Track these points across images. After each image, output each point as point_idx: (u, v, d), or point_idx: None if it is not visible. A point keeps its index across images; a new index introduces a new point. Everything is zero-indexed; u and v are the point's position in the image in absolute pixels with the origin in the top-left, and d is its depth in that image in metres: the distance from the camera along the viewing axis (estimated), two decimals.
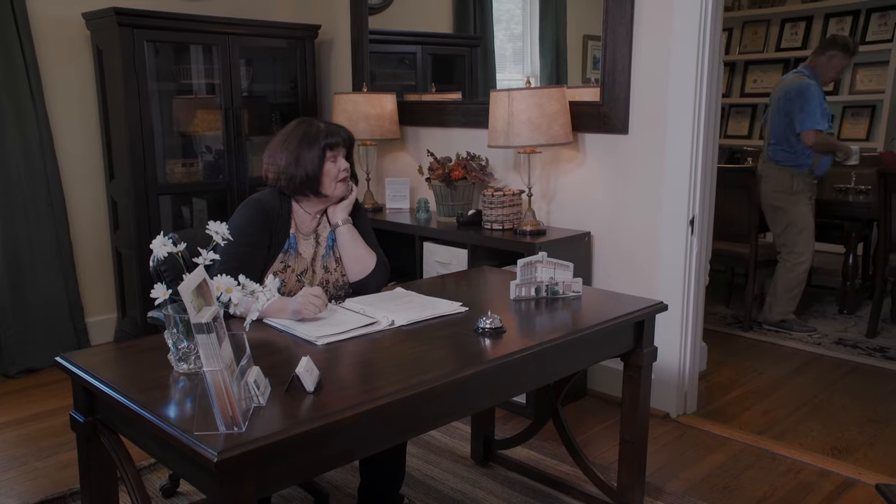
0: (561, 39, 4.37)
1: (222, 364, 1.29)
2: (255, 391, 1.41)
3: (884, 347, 3.93)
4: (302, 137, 2.15)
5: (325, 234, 2.26)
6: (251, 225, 2.06)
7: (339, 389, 1.52)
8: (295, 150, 2.13)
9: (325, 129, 2.17)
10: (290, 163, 2.13)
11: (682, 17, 2.82)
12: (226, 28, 3.85)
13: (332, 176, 2.16)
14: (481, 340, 1.84)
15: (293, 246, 2.16)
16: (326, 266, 2.23)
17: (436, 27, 4.49)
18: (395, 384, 1.54)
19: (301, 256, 2.17)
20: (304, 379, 1.48)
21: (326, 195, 2.19)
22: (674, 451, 2.81)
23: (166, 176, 3.85)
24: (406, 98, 4.11)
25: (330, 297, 2.21)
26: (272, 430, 1.33)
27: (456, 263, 3.25)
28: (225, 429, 1.30)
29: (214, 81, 3.99)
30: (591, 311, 2.13)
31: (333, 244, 2.26)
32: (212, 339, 1.28)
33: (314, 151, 2.13)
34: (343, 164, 2.18)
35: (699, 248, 2.99)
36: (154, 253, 2.25)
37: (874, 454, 2.79)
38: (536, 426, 2.55)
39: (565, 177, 3.30)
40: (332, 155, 2.15)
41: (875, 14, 5.63)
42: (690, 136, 2.86)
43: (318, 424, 1.37)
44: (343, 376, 1.61)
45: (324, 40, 4.29)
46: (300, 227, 2.21)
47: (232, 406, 1.29)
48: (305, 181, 2.14)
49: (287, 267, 2.13)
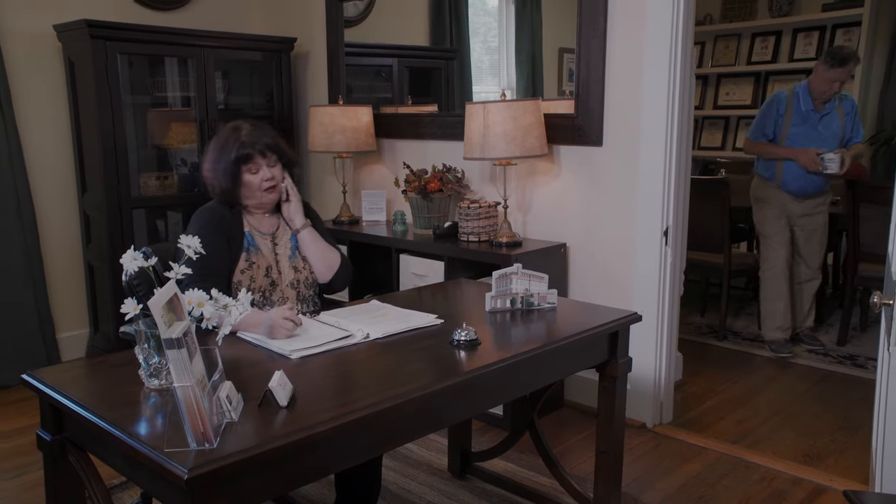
0: (537, 52, 4.41)
1: (193, 379, 1.27)
2: (227, 406, 1.39)
3: (853, 355, 3.99)
4: (220, 148, 2.11)
5: (284, 237, 2.25)
6: (208, 233, 2.04)
7: (313, 403, 1.51)
8: (213, 162, 2.10)
9: (242, 140, 2.10)
10: (210, 174, 2.10)
11: (654, 30, 2.86)
12: (201, 41, 3.83)
13: (255, 187, 2.11)
14: (456, 353, 1.84)
15: (252, 243, 2.15)
16: (295, 266, 2.22)
17: (412, 40, 4.50)
18: (370, 397, 1.53)
19: (262, 254, 2.17)
20: (277, 393, 1.47)
21: (248, 206, 2.15)
22: (650, 461, 2.82)
23: (140, 189, 3.81)
24: (382, 110, 4.11)
25: (301, 297, 2.20)
26: (244, 445, 1.31)
27: (432, 275, 3.24)
28: (196, 445, 1.28)
29: (190, 94, 3.96)
30: (566, 322, 2.14)
31: (296, 247, 2.26)
32: (182, 355, 1.26)
33: (226, 164, 2.08)
34: (266, 174, 2.12)
35: (673, 259, 3.02)
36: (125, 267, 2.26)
37: (845, 461, 2.82)
38: (513, 438, 2.55)
39: (541, 189, 3.32)
40: (248, 167, 2.10)
41: (840, 30, 5.75)
42: (663, 147, 2.89)
43: (291, 439, 1.35)
44: (317, 390, 1.60)
45: (300, 53, 4.28)
46: (257, 227, 2.19)
47: (203, 422, 1.28)
48: (224, 193, 2.12)
49: (252, 264, 2.13)
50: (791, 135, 3.86)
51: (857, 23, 5.52)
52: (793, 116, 3.85)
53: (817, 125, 3.82)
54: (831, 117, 3.83)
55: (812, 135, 3.83)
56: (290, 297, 2.18)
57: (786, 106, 3.88)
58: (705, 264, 4.24)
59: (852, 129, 3.87)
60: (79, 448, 1.63)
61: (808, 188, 3.88)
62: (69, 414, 1.53)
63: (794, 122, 3.85)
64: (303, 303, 2.23)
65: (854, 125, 3.88)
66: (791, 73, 5.93)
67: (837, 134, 3.84)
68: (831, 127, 3.82)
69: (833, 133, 3.83)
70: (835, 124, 3.83)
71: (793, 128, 3.85)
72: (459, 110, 4.33)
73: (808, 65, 5.83)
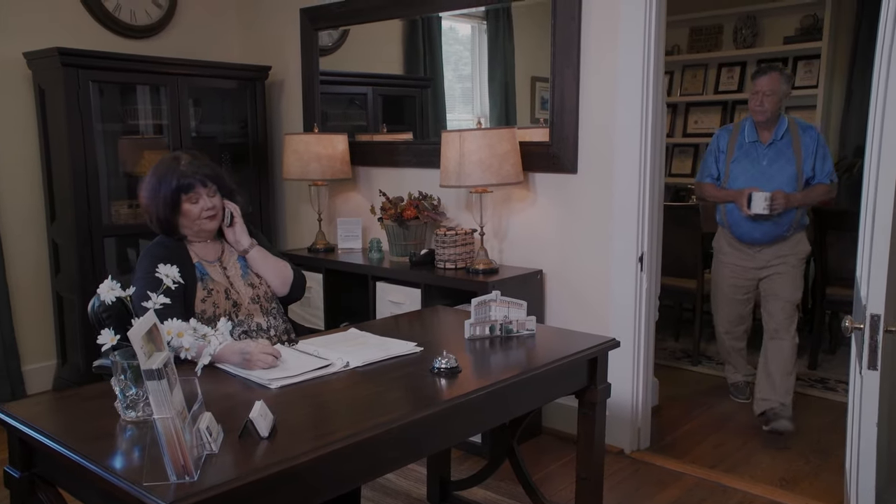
0: (509, 80, 4.47)
1: (174, 411, 1.25)
2: (208, 438, 1.37)
3: (824, 378, 4.05)
4: (160, 177, 2.10)
5: (231, 259, 2.24)
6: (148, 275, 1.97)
7: (294, 434, 1.49)
8: (151, 191, 2.09)
9: (181, 170, 2.10)
10: (149, 203, 2.09)
11: (626, 60, 2.93)
12: (174, 69, 3.82)
13: (193, 216, 2.11)
14: (437, 381, 1.83)
15: (205, 273, 2.14)
16: (251, 283, 2.22)
17: (386, 68, 4.54)
18: (351, 427, 1.52)
19: (216, 280, 2.15)
20: (258, 424, 1.45)
21: (187, 235, 2.15)
22: (629, 487, 2.82)
23: (111, 217, 3.76)
24: (357, 138, 4.13)
25: (265, 310, 2.18)
26: (225, 478, 1.29)
27: (409, 303, 3.24)
28: (176, 478, 1.25)
29: (162, 122, 3.94)
30: (545, 348, 2.15)
31: (247, 265, 2.26)
32: (163, 386, 1.24)
33: (166, 193, 2.08)
34: (206, 203, 2.12)
35: (649, 285, 3.05)
36: (96, 297, 2.22)
37: (819, 484, 2.86)
38: (493, 466, 2.54)
39: (517, 216, 3.35)
40: (188, 197, 2.10)
41: (801, 62, 5.94)
42: (638, 174, 2.94)
43: (273, 471, 1.34)
44: (298, 420, 1.58)
45: (274, 81, 4.29)
46: (203, 256, 2.18)
47: (183, 454, 1.25)
48: (161, 222, 2.11)
49: (210, 290, 2.12)
50: (732, 172, 3.31)
51: (817, 55, 5.70)
52: (735, 151, 3.33)
53: (760, 160, 3.25)
54: (779, 151, 3.23)
55: (753, 172, 3.25)
56: (253, 312, 2.16)
57: (728, 140, 3.37)
58: (678, 289, 4.30)
59: (814, 167, 3.22)
60: (49, 484, 1.59)
61: (754, 235, 3.30)
62: (40, 449, 1.49)
63: (735, 157, 3.32)
64: (267, 315, 2.21)
65: (817, 162, 3.23)
66: None
67: (789, 171, 3.21)
68: (778, 162, 3.22)
69: (781, 170, 3.22)
70: (784, 159, 3.22)
71: (733, 164, 3.31)
72: (434, 138, 4.36)
73: None
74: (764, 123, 3.25)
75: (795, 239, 3.33)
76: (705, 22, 6.38)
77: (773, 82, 3.21)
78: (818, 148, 3.25)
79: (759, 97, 3.23)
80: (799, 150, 3.24)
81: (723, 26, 6.27)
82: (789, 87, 3.31)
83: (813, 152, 3.23)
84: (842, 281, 3.98)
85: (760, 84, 3.25)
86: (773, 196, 3.13)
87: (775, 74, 3.23)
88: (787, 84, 3.29)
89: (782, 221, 3.25)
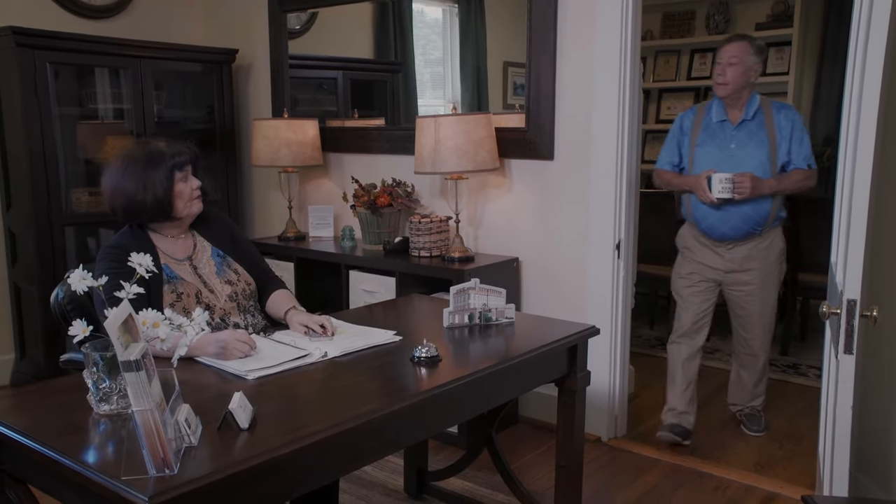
0: (481, 65, 4.47)
1: (152, 403, 1.24)
2: (186, 430, 1.36)
3: (796, 364, 4.15)
4: (147, 160, 2.06)
5: (204, 256, 2.19)
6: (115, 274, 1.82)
7: (274, 425, 1.49)
8: (141, 175, 2.05)
9: (169, 149, 2.09)
10: (139, 189, 2.04)
11: (603, 45, 2.95)
12: (137, 51, 3.75)
13: (186, 196, 2.11)
14: (417, 370, 1.84)
15: (173, 275, 2.08)
16: (228, 280, 2.17)
17: (356, 53, 4.51)
18: (332, 418, 1.52)
19: (186, 281, 2.09)
20: (237, 415, 1.44)
21: (180, 217, 2.13)
22: (607, 474, 2.87)
23: (71, 205, 3.69)
24: (328, 124, 4.10)
25: (242, 308, 2.16)
26: (205, 470, 1.29)
27: (384, 292, 3.24)
28: (155, 472, 1.25)
29: (123, 106, 3.87)
30: (524, 337, 2.17)
31: (223, 261, 2.20)
32: (141, 377, 1.23)
33: (161, 173, 2.05)
34: (195, 182, 2.13)
35: (626, 272, 3.09)
36: (60, 288, 2.17)
37: (793, 468, 2.94)
38: (471, 455, 2.56)
39: (492, 203, 3.36)
40: (181, 175, 2.10)
41: (773, 48, 6.04)
42: (615, 160, 2.97)
43: (254, 462, 1.33)
44: (277, 411, 1.58)
45: (241, 65, 4.24)
46: (170, 255, 2.13)
47: (163, 447, 1.24)
48: (157, 206, 2.07)
49: (180, 294, 2.05)
50: (697, 157, 2.95)
51: (789, 42, 5.80)
52: (700, 133, 2.97)
53: (728, 143, 2.90)
54: (751, 132, 2.89)
55: (720, 156, 2.89)
56: (230, 311, 2.14)
57: (693, 121, 3.00)
58: (653, 276, 4.36)
59: (790, 151, 2.88)
60: (19, 481, 1.56)
61: (723, 229, 2.91)
62: (9, 444, 1.47)
63: (700, 139, 2.96)
64: (245, 313, 2.18)
65: (794, 145, 2.88)
66: None
67: (761, 156, 2.86)
68: (749, 146, 2.88)
69: (751, 154, 2.86)
70: (755, 142, 2.88)
71: (698, 147, 2.95)
72: (407, 124, 4.36)
73: None
74: (730, 101, 2.90)
75: (771, 236, 2.96)
76: (678, 7, 6.45)
77: (738, 50, 2.86)
78: (794, 130, 2.88)
79: (722, 66, 2.88)
80: (773, 131, 2.87)
81: (695, 12, 6.34)
82: (759, 61, 2.91)
83: (789, 134, 2.87)
84: (814, 267, 4.07)
85: (724, 51, 2.90)
86: (738, 177, 2.79)
87: (743, 43, 2.89)
88: (758, 56, 2.91)
89: (755, 215, 2.88)
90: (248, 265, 2.26)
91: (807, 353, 4.33)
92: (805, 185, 2.91)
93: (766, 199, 2.88)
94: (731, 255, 2.97)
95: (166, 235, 2.14)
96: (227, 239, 2.26)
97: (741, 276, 2.98)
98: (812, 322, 4.67)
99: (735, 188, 2.79)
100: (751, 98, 2.93)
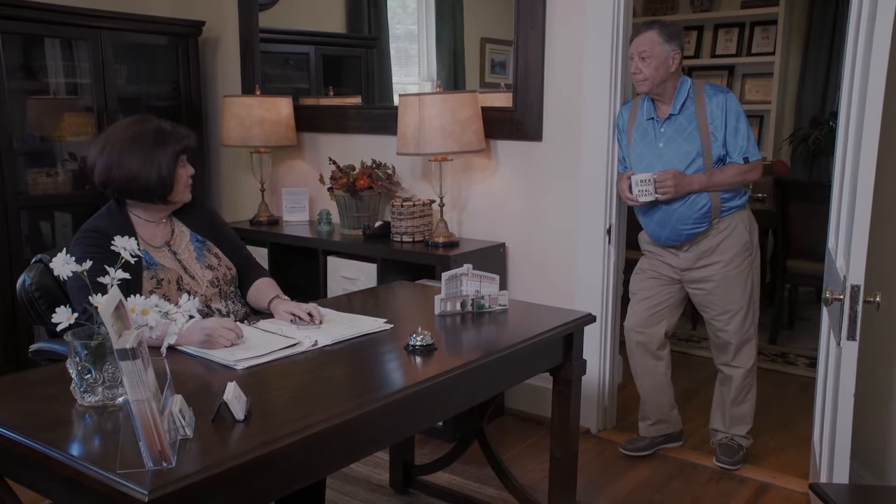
0: (458, 41, 4.47)
1: (149, 392, 1.24)
2: (181, 422, 1.36)
3: (785, 353, 4.26)
4: (156, 139, 2.06)
5: (183, 241, 2.18)
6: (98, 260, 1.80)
7: (271, 416, 1.50)
8: (149, 153, 2.04)
9: (173, 131, 2.10)
10: (143, 166, 2.03)
11: (595, 20, 2.96)
12: (96, 21, 3.67)
13: (183, 181, 2.12)
14: (413, 358, 1.86)
15: (152, 262, 2.07)
16: (209, 265, 2.17)
17: (326, 26, 4.48)
18: (332, 408, 1.53)
19: (166, 267, 2.08)
20: (233, 406, 1.44)
21: (174, 202, 2.13)
22: (598, 467, 2.92)
23: (28, 186, 3.61)
24: (302, 102, 4.07)
25: (224, 294, 2.16)
26: (204, 463, 1.29)
27: (364, 279, 3.24)
28: (153, 465, 1.24)
29: (77, 80, 3.79)
30: (519, 325, 2.20)
31: (202, 246, 2.20)
32: (137, 366, 1.23)
33: (168, 154, 2.06)
34: (191, 169, 2.15)
35: (616, 258, 3.14)
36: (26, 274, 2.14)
37: (785, 458, 3.02)
38: (461, 448, 2.59)
39: (477, 185, 3.38)
40: (182, 160, 2.11)
41: (758, 27, 6.13)
42: (606, 142, 3.00)
43: (255, 454, 1.34)
44: (271, 402, 1.58)
45: (209, 37, 4.18)
46: (149, 241, 2.11)
47: (160, 439, 1.24)
48: (159, 186, 2.06)
49: (160, 281, 2.04)
50: (633, 160, 2.84)
51: (774, 21, 5.90)
52: (633, 133, 2.85)
53: (657, 141, 2.76)
54: (679, 127, 2.73)
55: (650, 157, 2.77)
56: (212, 297, 2.13)
57: (627, 118, 2.89)
58: None
59: (725, 143, 2.70)
60: None
61: (661, 236, 2.82)
62: None
63: (634, 139, 2.84)
64: (226, 300, 2.18)
65: (728, 135, 2.70)
66: (713, 69, 6.26)
67: (691, 151, 2.70)
68: (677, 141, 2.72)
69: (680, 150, 2.72)
70: (684, 136, 2.72)
71: (633, 148, 2.84)
72: (385, 102, 4.35)
73: (730, 61, 6.20)
74: (656, 95, 2.75)
75: (728, 227, 2.76)
76: None
77: (647, 42, 2.68)
78: (728, 118, 2.69)
79: (635, 62, 2.72)
80: (704, 122, 2.71)
81: None
82: (674, 47, 2.70)
83: (722, 124, 2.69)
84: (803, 253, 4.17)
85: (635, 44, 2.72)
86: (660, 176, 2.68)
87: (650, 33, 2.69)
88: (670, 43, 2.69)
89: (691, 213, 2.72)
90: (229, 251, 2.26)
91: (795, 341, 4.44)
92: (745, 178, 2.74)
93: (700, 193, 2.72)
94: (685, 254, 2.83)
95: (147, 220, 2.12)
96: (206, 224, 2.26)
97: (697, 273, 2.82)
98: (800, 310, 4.79)
99: (657, 188, 2.68)
100: (679, 88, 2.75)
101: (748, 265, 2.82)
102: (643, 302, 2.94)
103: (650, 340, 2.95)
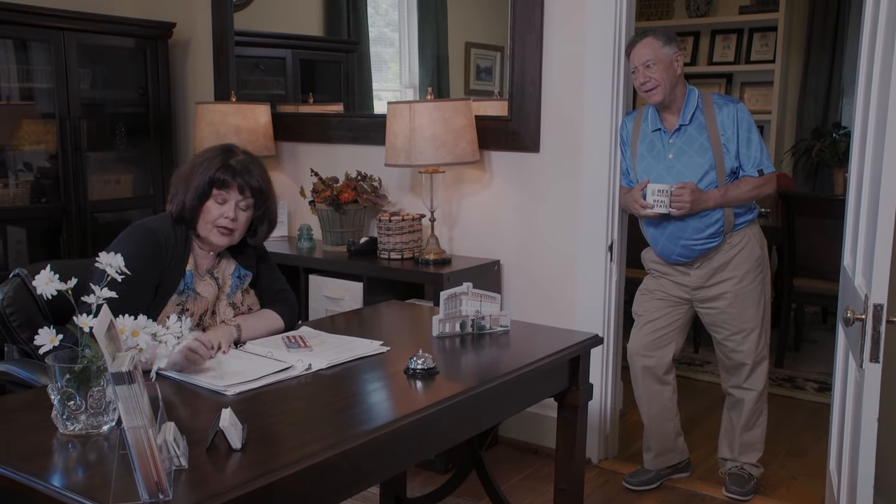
0: (441, 46, 4.52)
1: (145, 419, 1.24)
2: (175, 451, 1.36)
3: (792, 377, 4.32)
4: (203, 161, 2.11)
5: (227, 272, 2.21)
6: (137, 259, 1.91)
7: (269, 444, 1.50)
8: (192, 172, 2.09)
9: (229, 164, 2.10)
10: (181, 183, 2.08)
11: (596, 25, 3.02)
12: (58, 22, 3.66)
13: (210, 218, 2.09)
14: (412, 383, 1.87)
15: (190, 286, 2.09)
16: (234, 303, 2.18)
17: (304, 29, 4.50)
18: (331, 436, 1.55)
19: (201, 297, 2.11)
20: (229, 434, 1.45)
21: (200, 236, 2.13)
22: (601, 498, 2.94)
23: None
24: (280, 109, 4.08)
25: None
26: (203, 495, 1.29)
27: (349, 298, 3.25)
28: (148, 497, 1.25)
29: (33, 85, 3.77)
30: (522, 347, 2.23)
31: (240, 283, 2.23)
32: (134, 391, 1.23)
33: (201, 180, 2.08)
34: (229, 211, 2.09)
35: (618, 276, 3.17)
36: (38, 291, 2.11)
37: (797, 488, 3.06)
38: (458, 478, 2.60)
39: (470, 199, 3.41)
40: (219, 193, 2.09)
41: (757, 34, 6.27)
42: (608, 154, 3.05)
43: (256, 485, 1.35)
44: (267, 430, 1.59)
45: (179, 40, 4.18)
46: (198, 264, 2.15)
47: (157, 469, 1.24)
48: (183, 210, 2.10)
49: (185, 310, 2.06)
50: (641, 172, 2.90)
51: (774, 27, 6.02)
52: (638, 146, 2.91)
53: (666, 153, 2.83)
54: (690, 138, 2.79)
55: (659, 169, 2.83)
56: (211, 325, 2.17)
57: (632, 129, 2.95)
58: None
59: (738, 155, 2.78)
60: None
61: (673, 254, 2.87)
62: None
63: (640, 152, 2.90)
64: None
65: (741, 147, 2.78)
66: (711, 77, 6.37)
67: (700, 163, 2.77)
68: (688, 153, 2.79)
69: (692, 162, 2.78)
70: (695, 148, 2.78)
71: (640, 162, 2.90)
72: (367, 110, 4.38)
73: (728, 68, 6.32)
74: (664, 106, 2.81)
75: (742, 240, 2.83)
76: None
77: (647, 49, 2.75)
78: (740, 129, 2.77)
79: (641, 73, 2.77)
80: (716, 133, 2.77)
81: None
82: (675, 50, 2.78)
83: (734, 135, 2.77)
84: (810, 271, 4.23)
85: (634, 57, 2.79)
86: (677, 189, 2.72)
87: (648, 39, 2.76)
88: (669, 46, 2.77)
89: (705, 226, 2.78)
90: (264, 284, 2.31)
91: (803, 364, 4.50)
92: (760, 192, 2.81)
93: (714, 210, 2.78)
94: (697, 271, 2.87)
95: (199, 245, 2.16)
96: (253, 257, 2.29)
97: (709, 292, 2.85)
98: (807, 331, 4.86)
99: (673, 202, 2.72)
100: (687, 97, 2.82)
101: (761, 281, 2.87)
102: (650, 324, 2.97)
103: (657, 364, 2.97)
